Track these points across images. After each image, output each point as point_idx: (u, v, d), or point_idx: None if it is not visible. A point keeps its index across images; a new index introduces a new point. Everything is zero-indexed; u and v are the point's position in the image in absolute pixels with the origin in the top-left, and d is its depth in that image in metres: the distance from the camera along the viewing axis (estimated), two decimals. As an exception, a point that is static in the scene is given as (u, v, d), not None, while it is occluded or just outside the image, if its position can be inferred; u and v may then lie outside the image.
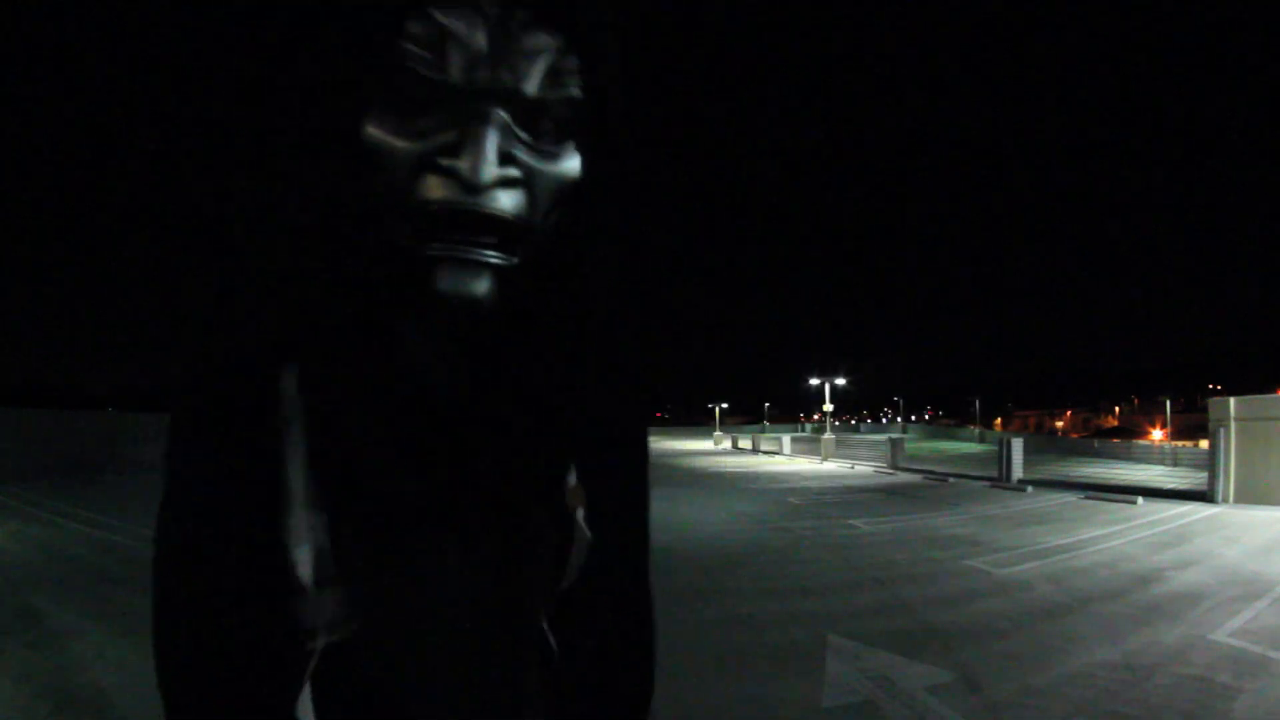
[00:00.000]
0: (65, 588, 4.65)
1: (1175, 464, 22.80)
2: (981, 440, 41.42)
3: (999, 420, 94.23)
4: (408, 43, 0.40)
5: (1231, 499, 10.71)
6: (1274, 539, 7.36)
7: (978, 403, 62.72)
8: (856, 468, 19.31)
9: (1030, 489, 12.64)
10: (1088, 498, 11.36)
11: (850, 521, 8.76)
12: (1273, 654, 3.57)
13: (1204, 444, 15.22)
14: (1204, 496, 11.12)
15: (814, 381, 30.61)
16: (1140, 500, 10.77)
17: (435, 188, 0.41)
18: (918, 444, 38.84)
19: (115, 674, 3.12)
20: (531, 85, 0.42)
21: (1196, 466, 18.94)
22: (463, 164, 0.40)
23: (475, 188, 0.40)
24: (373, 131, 0.41)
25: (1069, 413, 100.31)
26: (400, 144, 0.41)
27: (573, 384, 0.54)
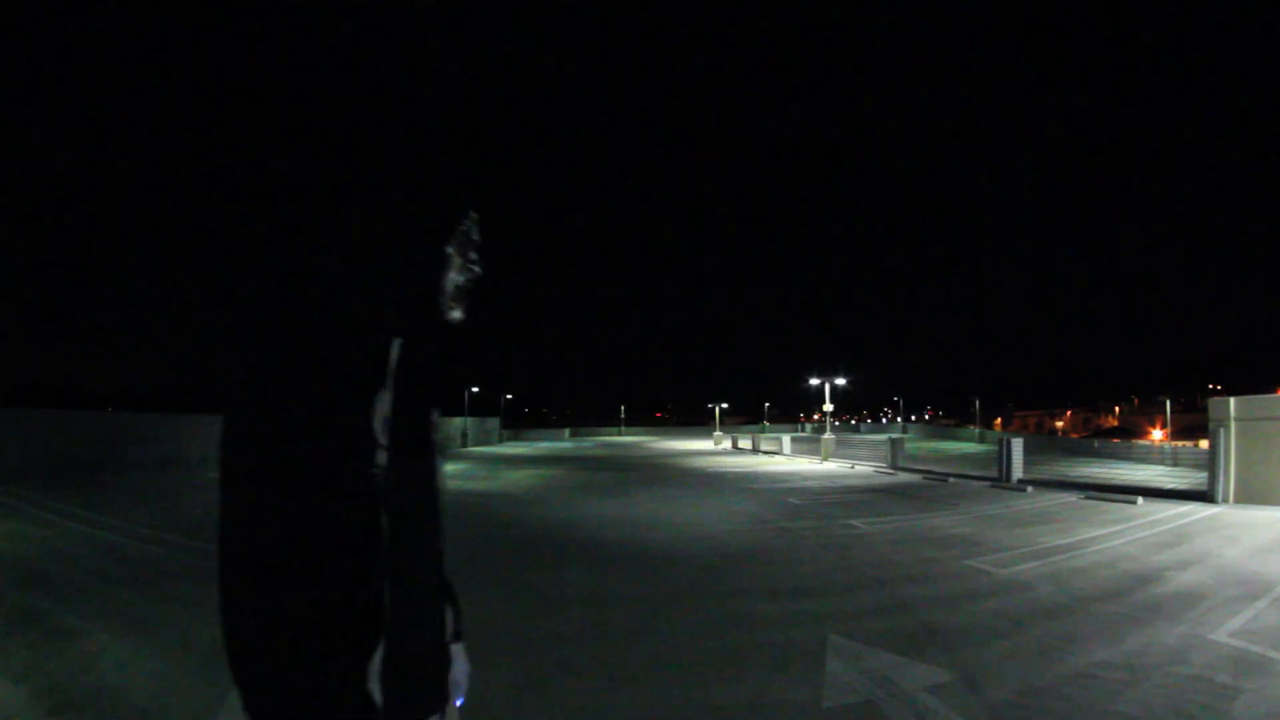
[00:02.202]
0: (66, 588, 4.65)
1: (1175, 464, 22.79)
2: (981, 440, 41.39)
3: (999, 420, 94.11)
4: (465, 221, 0.97)
5: (1231, 499, 10.71)
6: (1274, 539, 7.36)
7: (978, 403, 62.57)
8: (856, 468, 19.30)
9: (1030, 489, 12.64)
10: (1088, 498, 11.36)
11: (850, 522, 8.76)
12: (1273, 654, 3.57)
13: (1204, 444, 15.21)
14: (1204, 496, 11.12)
15: (814, 381, 30.57)
16: (1140, 500, 10.78)
17: (462, 279, 0.96)
18: (918, 444, 38.81)
19: (115, 674, 3.12)
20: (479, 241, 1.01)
21: (1196, 466, 18.95)
22: (475, 272, 0.98)
23: (471, 279, 0.98)
24: (454, 253, 0.95)
25: (1069, 413, 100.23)
26: (459, 260, 0.95)
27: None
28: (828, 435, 25.07)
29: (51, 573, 5.12)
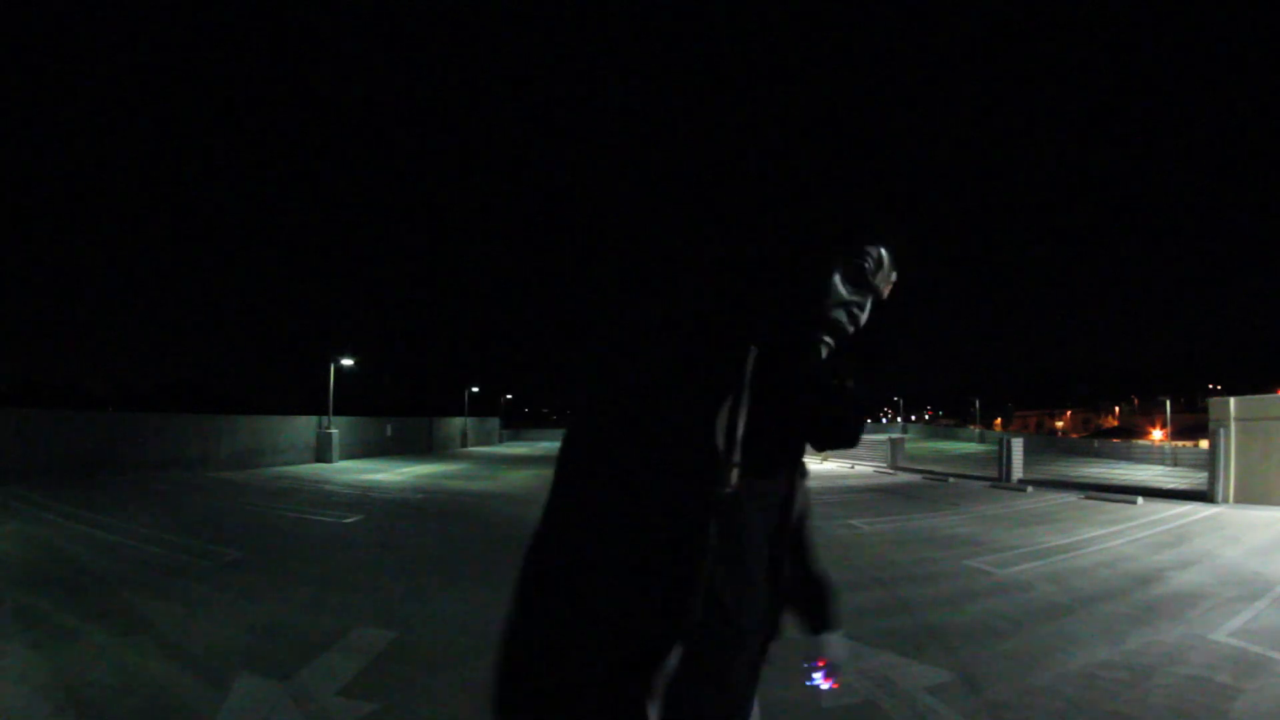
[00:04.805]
0: (66, 588, 4.65)
1: (1175, 464, 22.79)
2: (981, 440, 41.38)
3: (999, 420, 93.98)
4: (865, 257, 0.89)
5: (1231, 499, 10.71)
6: (1274, 539, 7.36)
7: (978, 403, 62.60)
8: (856, 468, 19.30)
9: (1030, 489, 12.64)
10: (1088, 498, 11.37)
11: (850, 521, 8.76)
12: (1273, 654, 3.57)
13: (1204, 444, 15.21)
14: (1204, 496, 11.12)
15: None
16: (1140, 500, 10.78)
17: (840, 315, 0.89)
18: (918, 444, 38.80)
19: (116, 674, 3.12)
20: (880, 290, 0.92)
21: (1196, 466, 18.94)
22: (857, 315, 0.90)
23: (849, 319, 0.90)
24: (838, 284, 0.89)
25: (1069, 413, 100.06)
26: (841, 290, 0.89)
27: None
28: (828, 435, 25.00)
29: (52, 573, 5.12)
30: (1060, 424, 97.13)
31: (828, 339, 0.89)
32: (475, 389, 41.48)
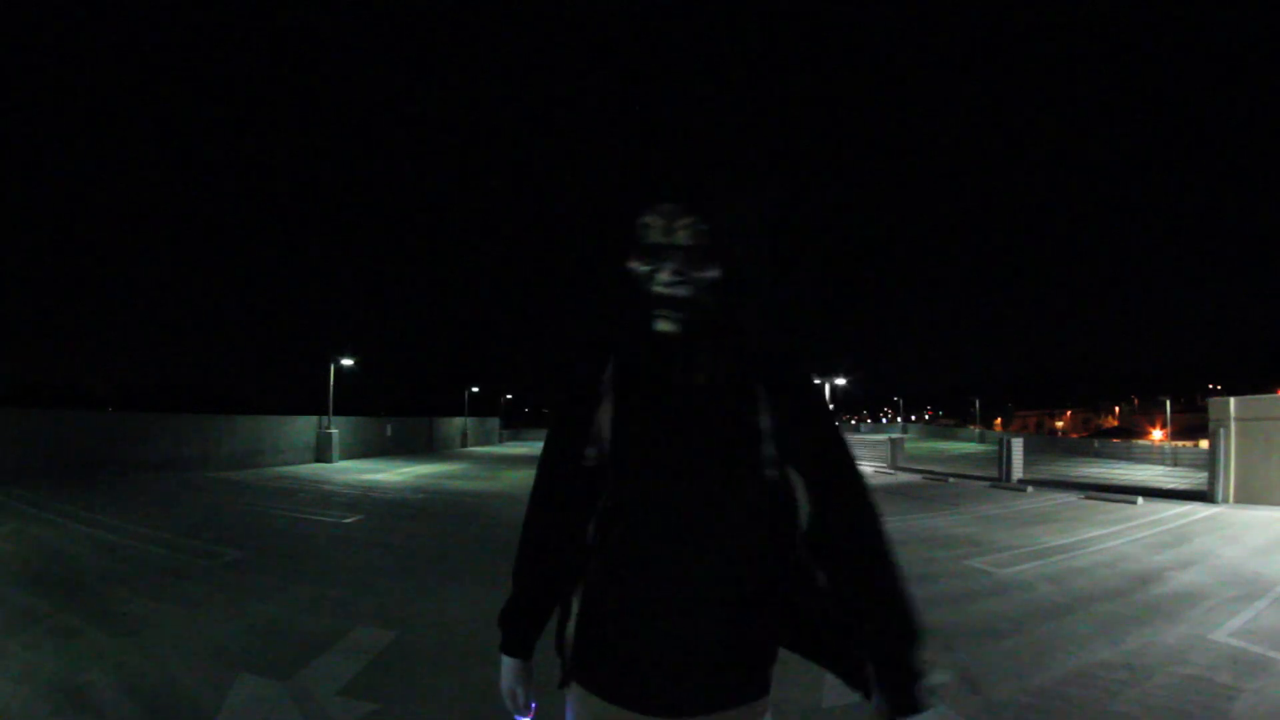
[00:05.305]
0: (66, 588, 4.65)
1: (1175, 464, 22.78)
2: (981, 440, 41.37)
3: (999, 420, 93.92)
4: (642, 228, 0.97)
5: (1231, 499, 10.71)
6: (1274, 539, 7.36)
7: (978, 403, 62.59)
8: (856, 468, 19.28)
9: (1030, 489, 12.64)
10: (1088, 498, 11.36)
11: (850, 521, 8.75)
12: (1273, 654, 3.57)
13: (1204, 444, 15.21)
14: (1204, 496, 11.12)
15: (814, 381, 30.48)
16: (1140, 500, 10.78)
17: (655, 285, 0.95)
18: (918, 444, 38.81)
19: (115, 674, 3.12)
20: (685, 241, 0.95)
21: (1196, 466, 18.94)
22: (659, 278, 0.94)
23: (665, 286, 0.94)
24: (634, 263, 0.97)
25: (1069, 413, 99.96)
26: (639, 268, 0.96)
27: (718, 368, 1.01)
28: (828, 435, 25.00)
29: (52, 573, 5.12)
30: (1060, 424, 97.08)
31: (665, 312, 0.96)
32: (475, 389, 41.50)
